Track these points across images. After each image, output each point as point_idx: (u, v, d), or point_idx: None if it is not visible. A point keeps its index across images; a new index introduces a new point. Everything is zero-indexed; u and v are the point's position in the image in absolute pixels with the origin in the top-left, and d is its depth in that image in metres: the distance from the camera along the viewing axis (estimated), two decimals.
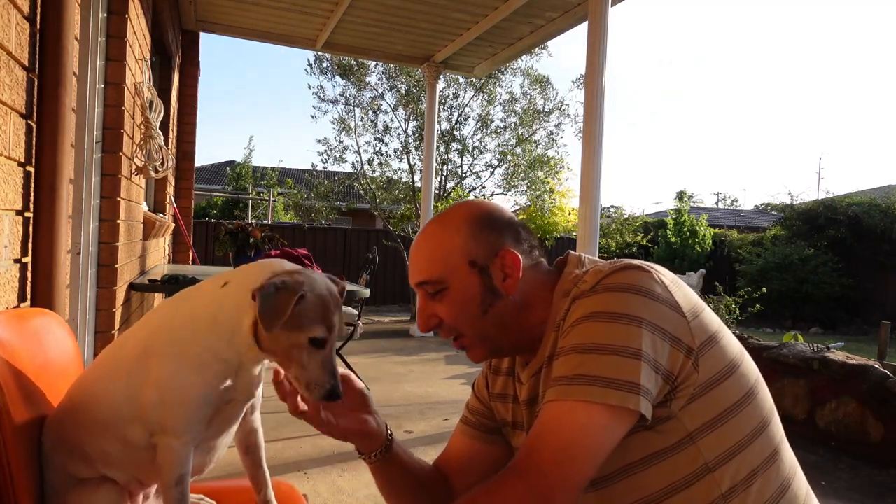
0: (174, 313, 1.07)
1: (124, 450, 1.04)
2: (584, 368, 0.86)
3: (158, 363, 1.01)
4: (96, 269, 2.78)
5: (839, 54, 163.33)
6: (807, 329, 10.61)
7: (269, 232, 4.13)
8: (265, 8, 5.69)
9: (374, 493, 3.00)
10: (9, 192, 1.39)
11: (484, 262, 1.02)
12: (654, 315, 0.88)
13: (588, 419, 0.84)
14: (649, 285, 0.91)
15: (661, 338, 0.88)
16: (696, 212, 15.62)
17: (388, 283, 10.97)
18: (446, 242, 1.03)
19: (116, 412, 1.03)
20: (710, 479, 0.90)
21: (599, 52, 4.43)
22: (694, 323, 0.91)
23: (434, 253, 1.03)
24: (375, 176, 11.27)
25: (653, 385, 0.86)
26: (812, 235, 11.81)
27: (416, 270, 1.05)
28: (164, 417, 1.00)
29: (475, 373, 5.87)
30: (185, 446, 1.01)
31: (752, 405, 0.94)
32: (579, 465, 0.84)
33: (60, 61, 1.58)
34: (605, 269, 0.95)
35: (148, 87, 3.36)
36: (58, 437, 1.06)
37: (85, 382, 1.11)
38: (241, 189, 20.77)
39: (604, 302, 0.90)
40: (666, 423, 0.90)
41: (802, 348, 4.26)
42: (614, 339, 0.86)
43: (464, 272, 1.01)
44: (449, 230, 1.04)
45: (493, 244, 1.02)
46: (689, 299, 0.94)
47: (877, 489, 3.21)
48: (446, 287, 1.02)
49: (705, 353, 0.91)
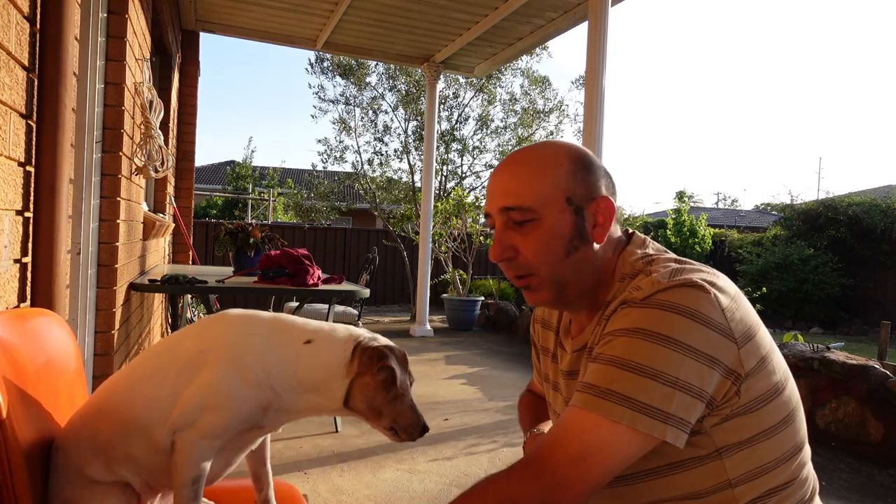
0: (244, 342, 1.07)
1: (150, 454, 1.04)
2: (617, 385, 0.84)
3: (213, 369, 1.03)
4: (96, 269, 2.78)
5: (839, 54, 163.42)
6: (807, 329, 10.61)
7: (269, 232, 4.12)
8: (265, 8, 5.69)
9: (374, 494, 3.02)
10: (9, 192, 1.39)
11: (580, 202, 0.97)
12: (702, 343, 0.84)
13: (611, 436, 0.83)
14: (706, 310, 0.86)
15: (707, 364, 0.84)
16: (696, 212, 15.61)
17: (388, 283, 10.98)
18: (547, 172, 0.97)
19: (153, 415, 1.03)
20: (728, 494, 0.90)
21: (599, 52, 4.43)
22: (745, 348, 0.87)
23: (531, 179, 0.97)
24: (375, 176, 11.28)
25: (687, 414, 0.84)
26: (812, 235, 11.81)
27: (505, 193, 0.98)
28: (200, 417, 1.00)
29: (475, 373, 5.90)
30: (211, 449, 1.02)
31: (788, 429, 0.93)
32: (594, 475, 0.83)
33: (60, 61, 1.58)
34: (664, 283, 0.89)
35: (148, 87, 3.36)
36: (80, 437, 1.06)
37: (119, 385, 1.11)
38: (241, 189, 20.77)
39: (654, 320, 0.86)
40: (695, 437, 0.88)
41: (802, 348, 4.26)
42: (655, 363, 0.83)
43: (559, 207, 0.96)
44: (551, 161, 0.98)
45: (591, 187, 0.98)
46: (744, 321, 0.89)
47: (877, 489, 3.21)
48: (536, 219, 0.96)
49: (751, 378, 0.88)
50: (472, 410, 4.29)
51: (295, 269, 3.51)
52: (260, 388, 1.04)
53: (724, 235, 14.17)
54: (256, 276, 3.61)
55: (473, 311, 8.61)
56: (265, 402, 1.05)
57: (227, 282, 3.52)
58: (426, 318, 7.72)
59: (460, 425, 3.92)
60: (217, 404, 1.01)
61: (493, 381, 5.29)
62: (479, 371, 5.70)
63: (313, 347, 1.07)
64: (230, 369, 1.03)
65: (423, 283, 7.65)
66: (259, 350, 1.06)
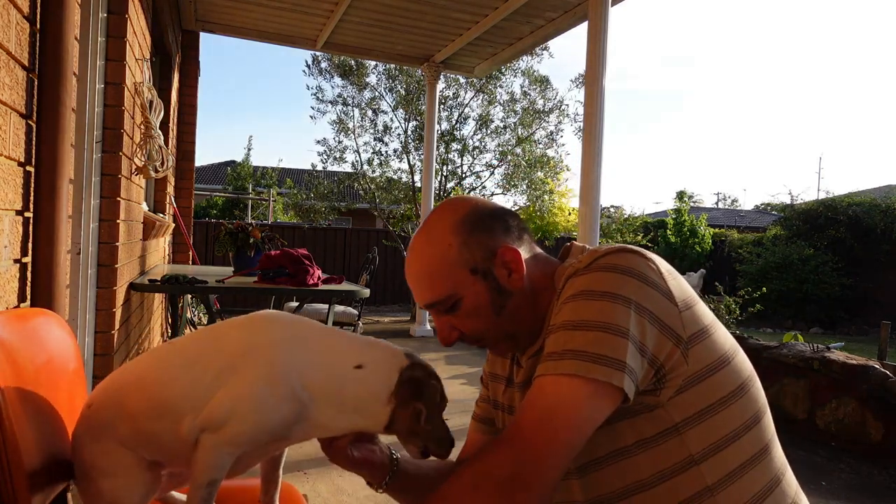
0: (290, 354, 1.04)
1: (172, 439, 1.03)
2: (571, 344, 0.86)
3: (250, 375, 1.00)
4: (96, 269, 2.78)
5: (839, 54, 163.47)
6: (807, 329, 10.61)
7: (269, 232, 4.12)
8: (265, 8, 5.69)
9: (374, 494, 2.99)
10: (8, 192, 1.39)
11: (484, 265, 1.00)
12: (645, 298, 0.88)
13: (570, 390, 0.84)
14: (643, 270, 0.90)
15: (650, 321, 0.87)
16: (696, 212, 15.63)
17: (388, 283, 10.98)
18: (441, 258, 1.01)
19: (186, 404, 1.02)
20: (695, 472, 0.90)
21: (599, 52, 4.43)
22: (686, 314, 0.91)
23: (433, 272, 1.02)
24: (375, 176, 11.27)
25: (638, 366, 0.86)
26: (812, 235, 11.82)
27: (422, 293, 1.04)
28: (227, 423, 0.99)
29: (475, 373, 5.89)
30: (232, 455, 1.01)
31: (742, 400, 0.94)
32: (562, 432, 0.84)
33: (60, 61, 1.58)
34: (602, 250, 0.94)
35: (148, 87, 3.36)
36: (112, 400, 1.07)
37: (162, 364, 1.10)
38: (241, 189, 20.78)
39: (596, 280, 0.90)
40: (654, 411, 0.90)
41: (802, 348, 4.26)
42: (603, 317, 0.86)
43: (468, 281, 1.00)
44: (440, 246, 1.01)
45: (487, 245, 1.00)
46: (682, 290, 0.93)
47: (877, 489, 3.21)
48: (457, 300, 1.01)
49: (695, 345, 0.90)
50: (471, 410, 4.29)
51: (295, 269, 3.51)
52: (294, 403, 1.01)
53: (724, 235, 14.18)
54: (256, 276, 3.61)
55: None
56: (297, 417, 1.02)
57: (227, 282, 3.52)
58: (426, 318, 7.71)
59: (460, 425, 3.90)
60: (245, 414, 0.99)
61: None
62: (478, 371, 5.70)
63: (363, 373, 1.04)
64: (265, 380, 1.00)
65: None
66: (304, 365, 1.03)
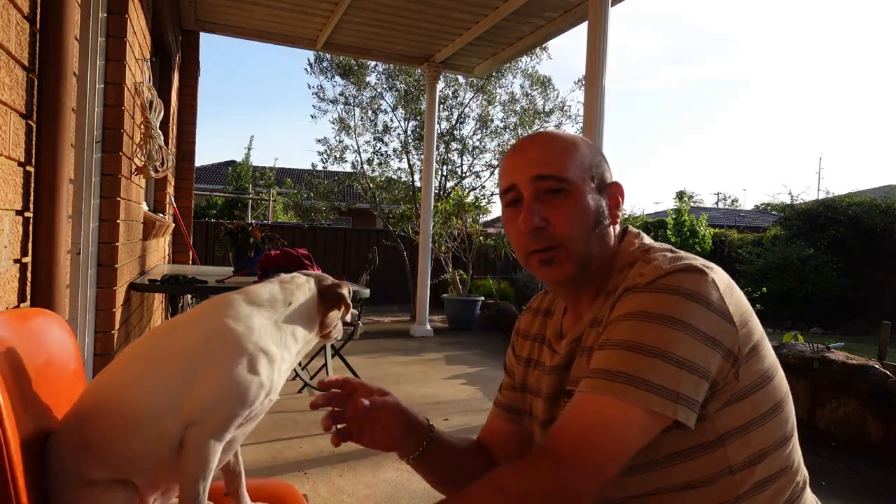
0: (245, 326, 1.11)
1: (151, 449, 1.03)
2: (627, 368, 0.85)
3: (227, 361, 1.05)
4: (96, 269, 2.78)
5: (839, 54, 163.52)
6: (807, 329, 10.60)
7: (269, 232, 4.13)
8: (265, 8, 5.69)
9: (374, 494, 3.02)
10: (9, 192, 1.39)
11: (602, 182, 1.02)
12: (706, 325, 0.87)
13: (623, 417, 0.84)
14: (706, 292, 0.88)
15: (711, 347, 0.87)
16: (696, 212, 15.61)
17: (388, 283, 10.96)
18: (576, 149, 1.01)
19: (159, 407, 1.02)
20: (729, 481, 0.91)
21: (599, 52, 4.43)
22: (742, 332, 0.91)
23: (564, 153, 1.00)
24: (375, 176, 11.27)
25: (695, 393, 0.86)
26: (812, 235, 11.81)
27: (538, 163, 0.99)
28: (213, 413, 1.02)
29: (475, 373, 5.89)
30: (220, 446, 1.03)
31: (779, 417, 0.95)
32: (602, 453, 0.84)
33: (60, 61, 1.58)
34: (666, 267, 0.91)
35: (148, 87, 3.36)
36: (73, 439, 1.04)
37: (116, 383, 1.08)
38: (240, 189, 20.77)
39: (658, 302, 0.88)
40: (700, 423, 0.89)
41: (802, 348, 4.26)
42: (661, 344, 0.85)
43: (586, 182, 1.00)
44: (577, 141, 1.03)
45: (607, 172, 1.04)
46: (739, 305, 0.92)
47: (877, 489, 3.21)
48: (568, 190, 0.98)
49: (747, 362, 0.91)
50: (472, 410, 4.29)
51: (295, 269, 3.51)
52: (265, 367, 1.08)
53: (724, 235, 14.17)
54: (256, 275, 3.61)
55: (473, 311, 8.61)
56: (267, 385, 1.08)
57: (227, 282, 3.52)
58: (426, 318, 7.72)
59: (460, 425, 3.92)
60: (231, 399, 1.03)
61: (493, 381, 5.28)
62: (479, 371, 5.70)
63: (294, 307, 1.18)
64: (234, 359, 1.05)
65: (423, 283, 7.65)
66: (259, 330, 1.10)
